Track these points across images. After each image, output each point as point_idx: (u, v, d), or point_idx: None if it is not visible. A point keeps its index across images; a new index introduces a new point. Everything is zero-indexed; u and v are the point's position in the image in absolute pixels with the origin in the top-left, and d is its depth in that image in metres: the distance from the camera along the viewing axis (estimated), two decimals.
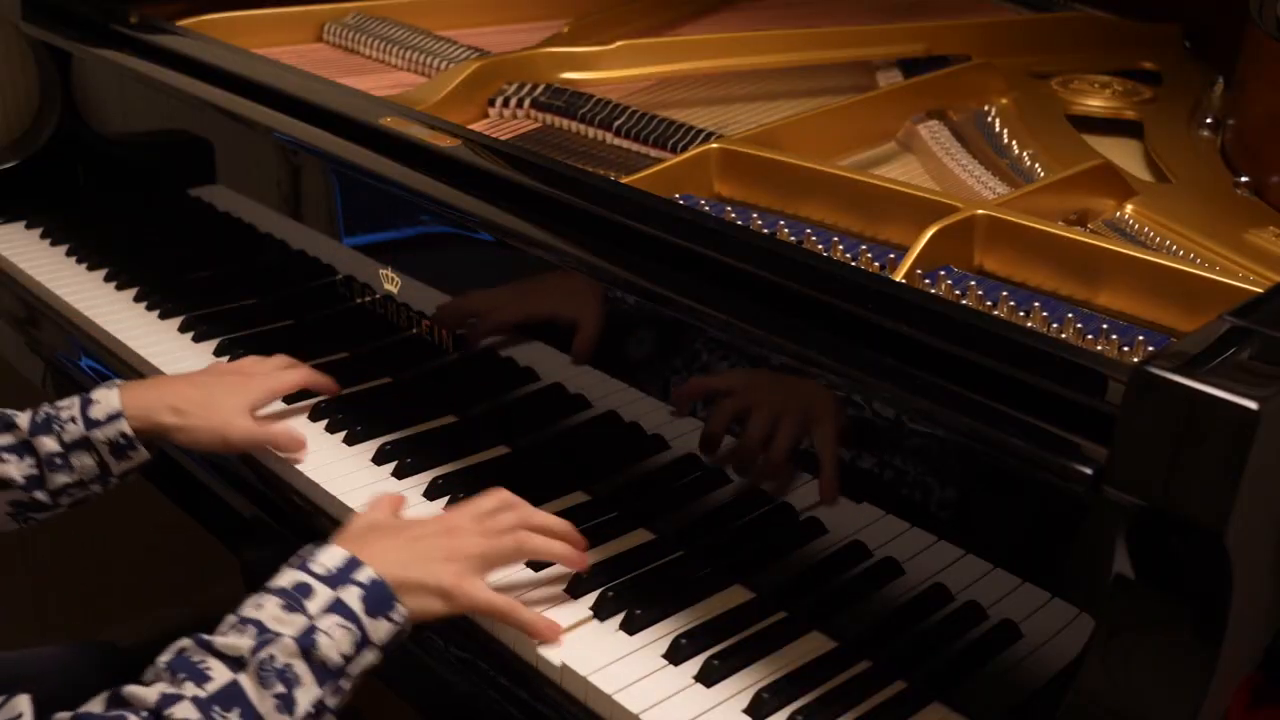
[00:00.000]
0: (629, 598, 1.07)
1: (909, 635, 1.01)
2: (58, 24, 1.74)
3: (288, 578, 0.94)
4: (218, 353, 1.46)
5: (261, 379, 1.29)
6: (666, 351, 1.13)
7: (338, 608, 0.92)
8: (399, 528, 1.04)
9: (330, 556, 0.96)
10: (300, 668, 0.89)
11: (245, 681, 0.87)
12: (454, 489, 1.21)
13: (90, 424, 1.18)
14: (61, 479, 1.18)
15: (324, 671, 0.90)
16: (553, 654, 1.02)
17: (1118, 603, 0.83)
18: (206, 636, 0.90)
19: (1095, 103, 1.56)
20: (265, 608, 0.91)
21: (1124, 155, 1.43)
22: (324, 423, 1.32)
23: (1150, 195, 1.30)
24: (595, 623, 1.05)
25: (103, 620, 2.27)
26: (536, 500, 1.20)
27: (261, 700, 0.87)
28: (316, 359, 1.44)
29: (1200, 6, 1.76)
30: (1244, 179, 1.35)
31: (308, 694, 0.89)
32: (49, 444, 1.17)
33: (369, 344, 1.45)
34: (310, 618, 0.91)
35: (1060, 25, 1.80)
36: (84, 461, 1.18)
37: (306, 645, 0.90)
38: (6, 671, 1.30)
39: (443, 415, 1.34)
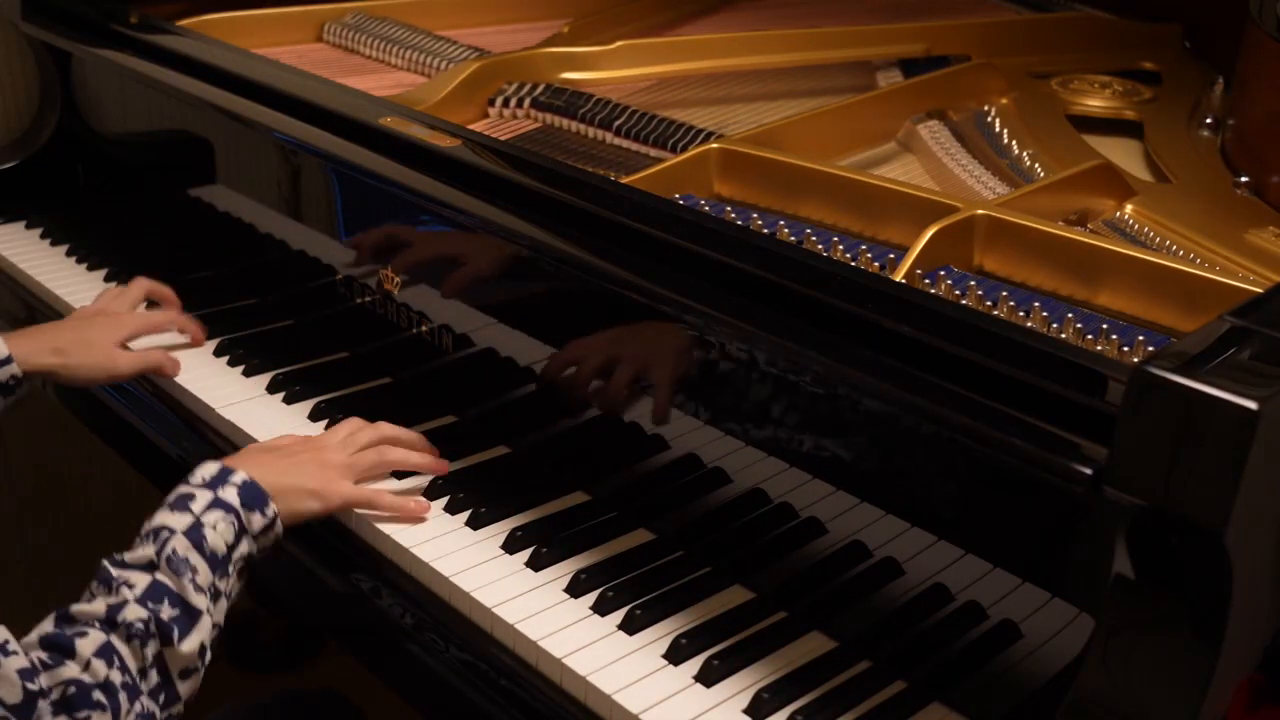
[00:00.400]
0: (629, 597, 1.07)
1: (909, 635, 1.01)
2: (58, 24, 1.74)
3: (173, 494, 1.06)
4: (217, 352, 1.46)
5: (132, 318, 1.43)
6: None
7: (217, 504, 1.05)
8: (274, 448, 1.19)
9: (206, 469, 1.09)
10: (195, 558, 1.01)
11: (162, 577, 0.99)
12: (454, 489, 1.21)
13: None
14: None
15: (214, 560, 1.02)
16: (554, 651, 1.02)
17: (1118, 603, 0.83)
18: (118, 555, 1.01)
19: (1095, 103, 1.56)
20: (155, 517, 1.04)
21: (1124, 155, 1.43)
22: (324, 423, 1.33)
23: (1150, 195, 1.30)
24: (595, 622, 1.05)
25: None
26: (536, 500, 1.20)
27: (181, 588, 0.99)
28: (316, 359, 1.44)
29: (1200, 6, 1.76)
30: (1244, 179, 1.35)
31: (204, 579, 1.01)
32: None
33: (369, 344, 1.45)
34: (195, 515, 1.03)
35: (1060, 25, 1.81)
36: None
37: (196, 539, 1.02)
38: None
39: (443, 415, 1.34)
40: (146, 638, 0.96)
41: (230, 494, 1.06)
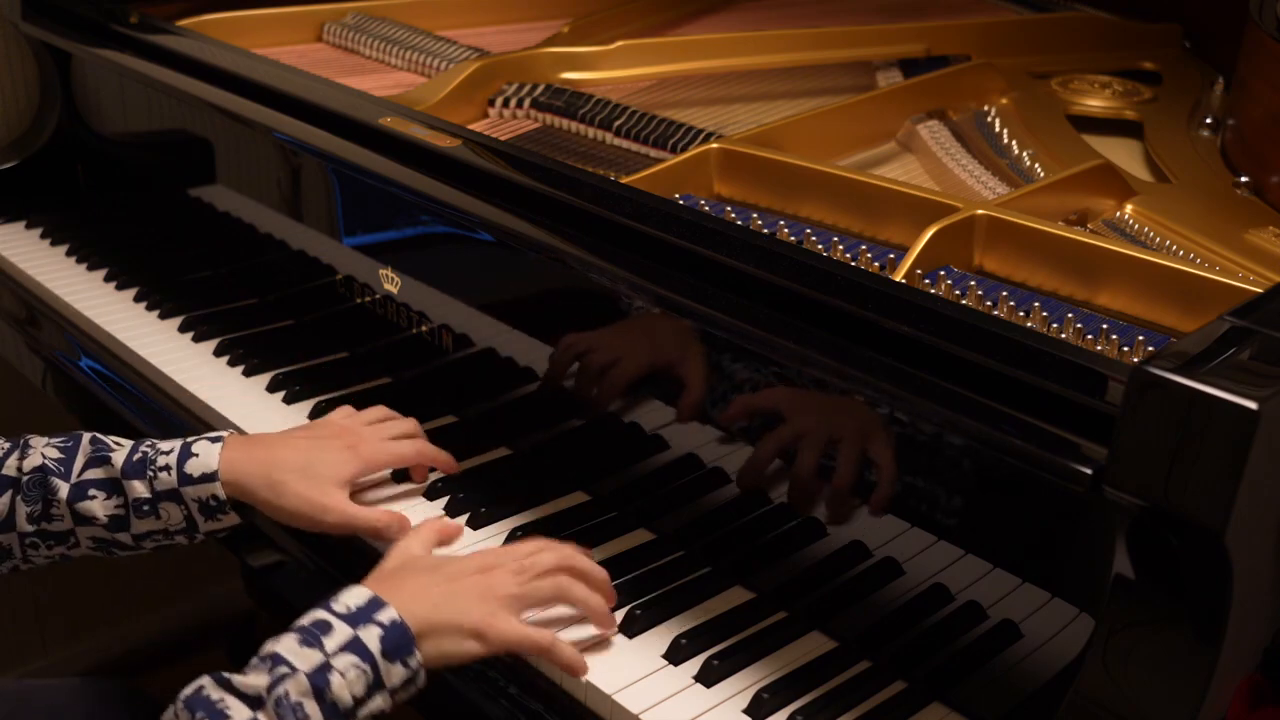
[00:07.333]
0: (629, 598, 1.07)
1: (909, 635, 1.01)
2: (58, 24, 1.74)
3: (309, 616, 0.94)
4: (217, 352, 1.46)
5: (369, 448, 1.18)
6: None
7: (354, 646, 0.91)
8: (434, 566, 1.02)
9: (354, 596, 0.95)
10: (310, 707, 0.89)
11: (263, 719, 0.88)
12: (454, 489, 1.21)
13: (184, 479, 1.12)
14: (146, 526, 1.13)
15: (334, 713, 0.90)
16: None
17: (1118, 603, 0.83)
18: (226, 675, 0.90)
19: (1095, 103, 1.56)
20: (282, 642, 0.92)
21: (1124, 155, 1.43)
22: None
23: (1150, 195, 1.30)
24: None
25: (103, 620, 2.27)
26: (536, 500, 1.20)
27: None
28: (316, 359, 1.44)
29: (1200, 6, 1.76)
30: (1244, 179, 1.35)
31: None
32: (138, 488, 1.12)
33: (369, 344, 1.45)
34: (326, 654, 0.91)
35: (1060, 25, 1.80)
36: (171, 513, 1.13)
37: (320, 684, 0.89)
38: (24, 701, 1.28)
39: (443, 415, 1.34)
40: None
41: (372, 636, 0.92)
